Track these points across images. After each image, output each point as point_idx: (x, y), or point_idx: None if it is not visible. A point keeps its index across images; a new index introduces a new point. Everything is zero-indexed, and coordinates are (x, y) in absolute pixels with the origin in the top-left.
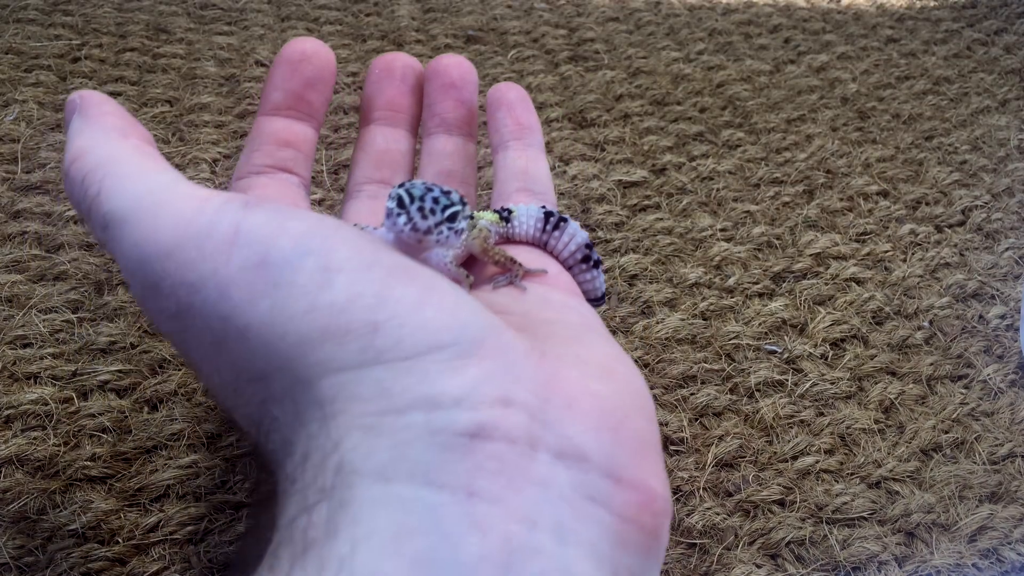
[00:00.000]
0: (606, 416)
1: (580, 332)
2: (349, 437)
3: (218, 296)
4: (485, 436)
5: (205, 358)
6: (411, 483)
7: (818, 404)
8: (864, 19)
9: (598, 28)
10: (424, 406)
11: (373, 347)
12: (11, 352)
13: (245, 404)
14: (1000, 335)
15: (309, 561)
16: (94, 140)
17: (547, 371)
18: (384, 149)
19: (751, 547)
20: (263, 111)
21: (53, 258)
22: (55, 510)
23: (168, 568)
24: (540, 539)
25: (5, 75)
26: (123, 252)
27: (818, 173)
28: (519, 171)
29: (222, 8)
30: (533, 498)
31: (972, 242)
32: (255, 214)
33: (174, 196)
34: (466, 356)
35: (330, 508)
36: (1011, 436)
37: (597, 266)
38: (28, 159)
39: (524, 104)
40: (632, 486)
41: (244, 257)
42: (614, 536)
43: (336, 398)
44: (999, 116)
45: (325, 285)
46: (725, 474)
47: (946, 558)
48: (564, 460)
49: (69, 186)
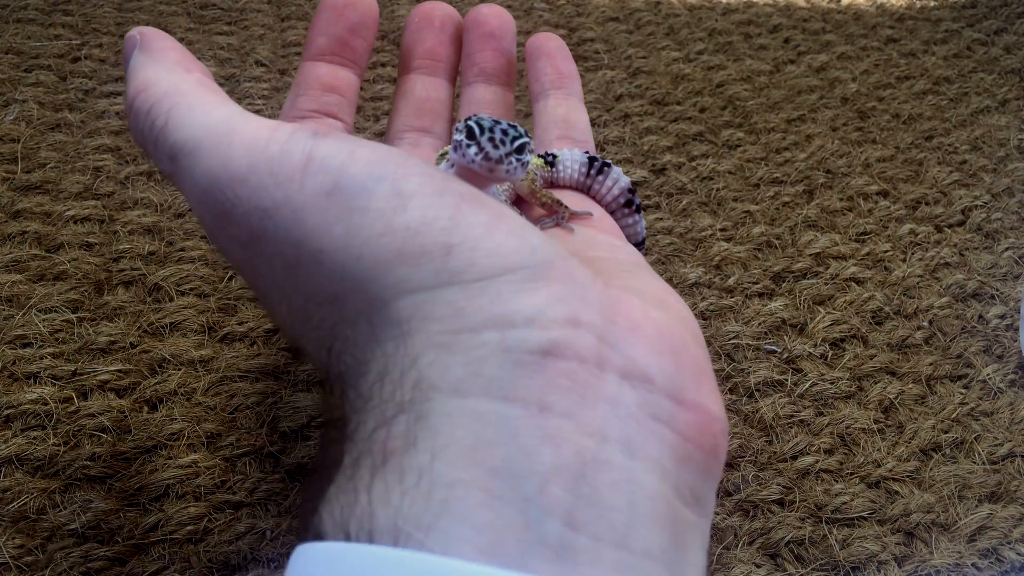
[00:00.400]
0: (667, 341)
1: (631, 268)
2: (425, 354)
3: (292, 221)
4: (557, 354)
5: (275, 284)
6: (486, 397)
7: (818, 404)
8: (864, 19)
9: (598, 28)
10: (498, 325)
11: (447, 269)
12: (11, 352)
13: (316, 327)
14: (1000, 335)
15: (389, 470)
16: (157, 73)
17: (611, 296)
18: (424, 97)
19: (751, 547)
20: (308, 56)
21: (53, 258)
22: (55, 510)
23: (167, 568)
24: (610, 452)
25: (5, 75)
26: (194, 181)
27: (818, 173)
28: (560, 118)
29: (222, 8)
30: (603, 414)
31: (972, 242)
32: (325, 142)
33: (245, 125)
34: (536, 279)
35: (408, 421)
36: (1011, 436)
37: (639, 211)
38: (28, 159)
39: (563, 53)
40: (693, 407)
41: (317, 183)
42: (677, 453)
43: (412, 317)
44: (999, 116)
45: (399, 209)
46: (725, 474)
47: (945, 558)
48: (630, 380)
49: (133, 119)
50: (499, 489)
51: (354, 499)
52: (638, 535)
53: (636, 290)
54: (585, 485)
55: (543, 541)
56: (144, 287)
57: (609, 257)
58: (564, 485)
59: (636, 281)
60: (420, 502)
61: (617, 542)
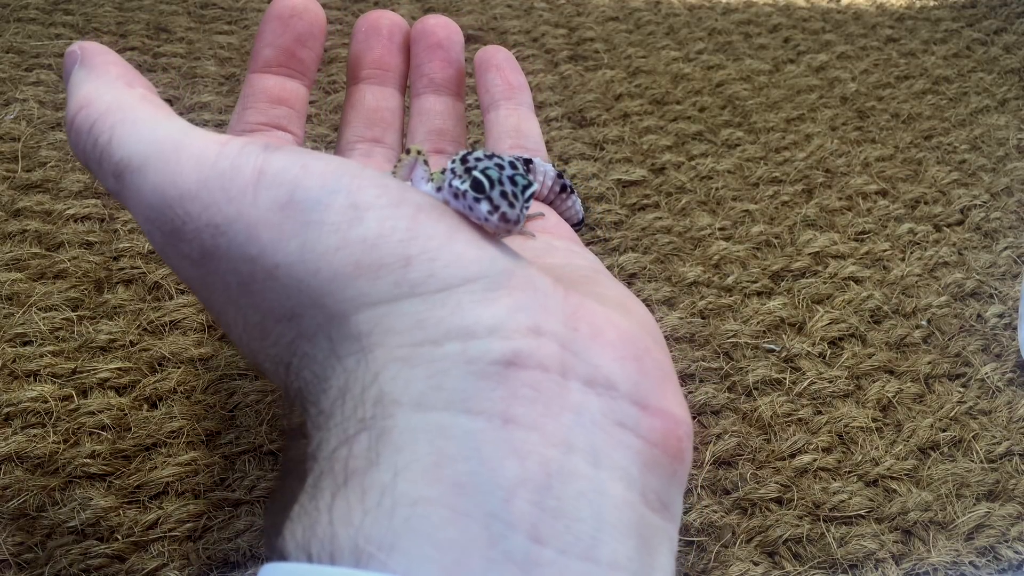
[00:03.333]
0: (629, 346)
1: (591, 273)
2: (387, 369)
3: (245, 237)
4: (520, 364)
5: (230, 301)
6: (449, 411)
7: (816, 402)
8: (864, 19)
9: (598, 27)
10: (459, 336)
11: (407, 280)
12: (11, 350)
13: (273, 344)
14: (998, 334)
15: (351, 490)
16: (99, 89)
17: (572, 303)
18: (374, 107)
19: (748, 545)
20: (254, 68)
21: (53, 256)
22: (55, 507)
23: (167, 565)
24: (576, 462)
25: (6, 74)
26: (141, 198)
27: (817, 172)
28: (511, 128)
29: (222, 7)
30: (568, 424)
31: (971, 241)
32: (278, 156)
33: (193, 140)
34: (497, 288)
35: (371, 438)
36: (1008, 434)
37: (572, 191)
38: (28, 158)
39: (512, 65)
40: (657, 412)
41: (271, 197)
42: (642, 460)
43: (372, 331)
44: (998, 116)
45: (356, 221)
46: (723, 472)
47: (943, 556)
48: (594, 387)
49: (75, 136)
50: (463, 505)
51: (316, 519)
52: (605, 546)
53: (597, 296)
54: (551, 497)
55: (508, 557)
56: (144, 285)
57: (568, 263)
58: (529, 498)
59: (597, 287)
60: (382, 521)
61: (583, 554)
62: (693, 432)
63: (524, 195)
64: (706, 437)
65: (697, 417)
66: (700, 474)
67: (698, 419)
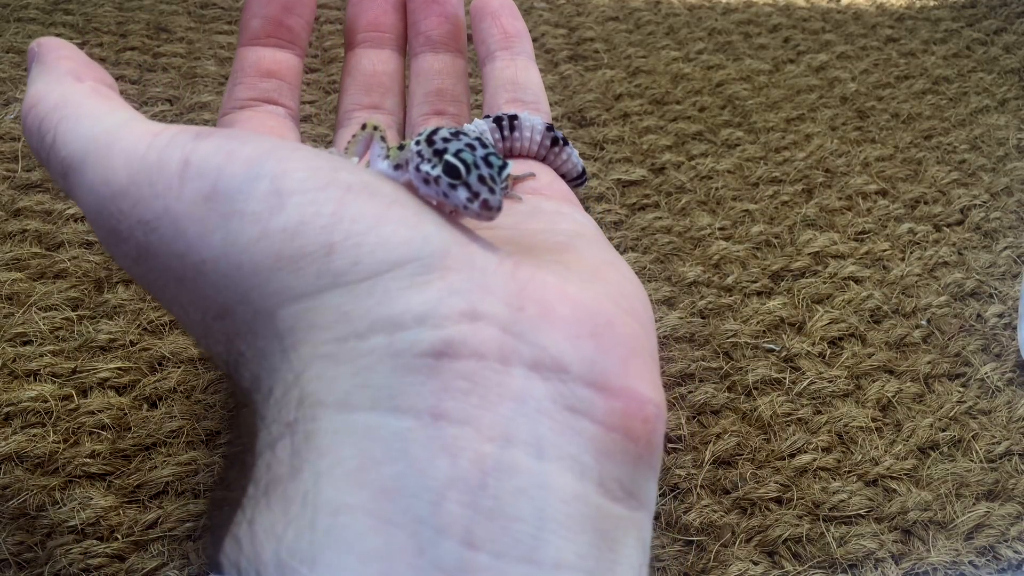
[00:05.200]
0: (586, 322)
1: (569, 239)
2: (311, 367)
3: (173, 233)
4: (452, 354)
5: (173, 299)
6: (374, 411)
7: (816, 402)
8: (864, 19)
9: (598, 27)
10: (385, 328)
11: (329, 270)
12: (11, 349)
13: (216, 342)
14: (998, 333)
15: (274, 500)
16: (48, 86)
17: (521, 279)
18: (371, 72)
19: (748, 544)
20: (243, 41)
21: (53, 256)
22: (54, 506)
23: (167, 564)
24: (515, 456)
25: (6, 74)
26: (83, 198)
27: (817, 172)
28: (508, 81)
29: (222, 7)
30: (507, 414)
31: (970, 241)
32: (206, 143)
33: (127, 134)
34: (429, 271)
35: (294, 443)
36: (1008, 434)
37: (566, 143)
38: (28, 157)
39: (510, 11)
40: (618, 393)
41: (195, 189)
42: (598, 446)
43: (295, 328)
44: (998, 115)
45: (276, 209)
46: (723, 471)
47: (943, 556)
48: (540, 372)
49: (28, 135)
50: (389, 511)
51: (245, 532)
52: (548, 545)
53: (564, 264)
54: (486, 497)
55: (438, 565)
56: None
57: (547, 228)
58: (461, 500)
59: (568, 254)
60: (305, 532)
61: (523, 556)
62: (665, 411)
63: (501, 176)
64: (706, 437)
65: (697, 417)
66: (700, 474)
67: (698, 419)
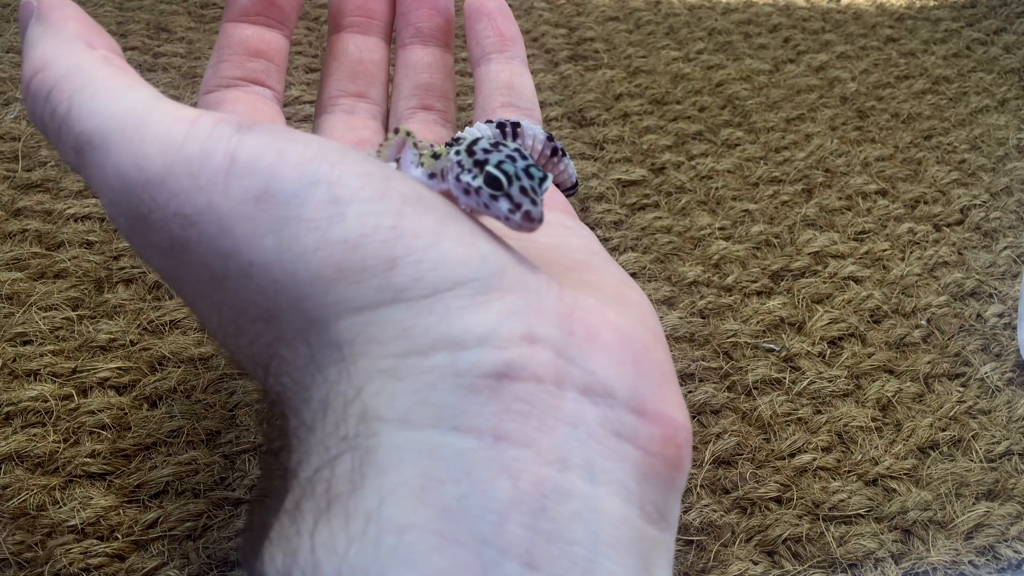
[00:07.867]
0: (627, 348)
1: (586, 256)
2: (371, 382)
3: (217, 230)
4: (513, 376)
5: (202, 295)
6: (437, 429)
7: (816, 402)
8: (864, 19)
9: (598, 27)
10: (447, 346)
11: (391, 285)
12: (11, 349)
13: (249, 344)
14: (998, 333)
15: (335, 515)
16: (56, 50)
17: (568, 302)
18: (358, 58)
19: (748, 544)
20: (230, 16)
21: (53, 256)
22: (55, 506)
23: (167, 564)
24: (571, 480)
25: (6, 74)
26: (104, 180)
27: (817, 172)
28: (503, 85)
29: (222, 7)
30: (563, 438)
31: (970, 241)
32: (251, 139)
33: (159, 116)
34: (488, 291)
35: (354, 459)
36: (1008, 434)
37: (564, 154)
38: (29, 157)
39: (505, 14)
40: (656, 419)
41: (244, 188)
42: (640, 471)
43: (355, 340)
44: (998, 115)
45: (336, 218)
46: (723, 471)
47: (943, 555)
48: (590, 396)
49: (31, 103)
50: (452, 531)
51: (298, 544)
52: (602, 568)
53: (593, 286)
54: (545, 519)
55: None
56: (144, 285)
57: (560, 244)
58: (522, 522)
59: (591, 273)
60: (368, 550)
61: None
62: (692, 436)
63: (542, 188)
64: (706, 436)
65: (697, 417)
66: (700, 473)
67: (698, 419)
